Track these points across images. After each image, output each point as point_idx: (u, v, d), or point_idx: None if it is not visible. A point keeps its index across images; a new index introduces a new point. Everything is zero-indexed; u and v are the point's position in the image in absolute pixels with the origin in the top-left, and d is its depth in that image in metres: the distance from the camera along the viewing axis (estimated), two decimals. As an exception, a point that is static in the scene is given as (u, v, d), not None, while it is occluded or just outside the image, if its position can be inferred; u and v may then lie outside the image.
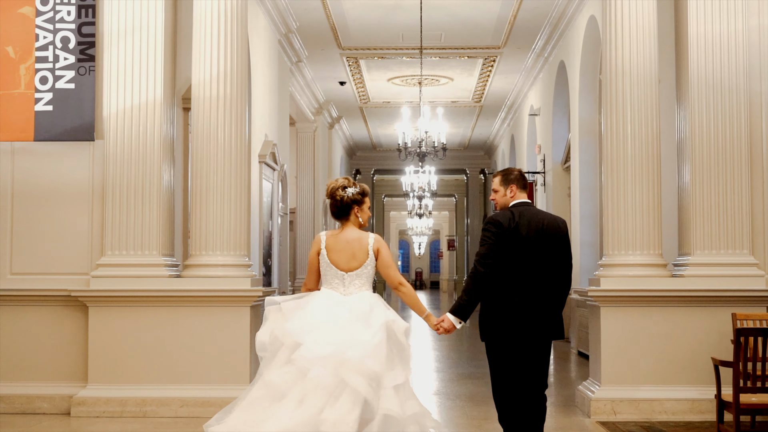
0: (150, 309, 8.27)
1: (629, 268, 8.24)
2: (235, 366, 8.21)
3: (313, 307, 5.15)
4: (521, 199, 5.57)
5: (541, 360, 5.55)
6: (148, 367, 8.24)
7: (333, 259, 5.24)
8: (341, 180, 5.39)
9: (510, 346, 5.44)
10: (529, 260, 5.40)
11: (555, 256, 5.48)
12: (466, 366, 12.37)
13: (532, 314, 5.41)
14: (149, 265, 8.32)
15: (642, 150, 8.27)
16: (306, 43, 16.46)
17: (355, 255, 5.23)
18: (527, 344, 5.45)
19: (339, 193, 5.31)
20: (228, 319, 8.23)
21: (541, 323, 5.45)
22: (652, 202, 8.26)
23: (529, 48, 16.78)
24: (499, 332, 5.42)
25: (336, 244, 5.27)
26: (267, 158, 13.68)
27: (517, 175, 5.63)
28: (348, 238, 5.28)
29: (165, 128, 8.48)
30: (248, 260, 8.51)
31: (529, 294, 5.40)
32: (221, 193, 8.32)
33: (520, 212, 5.48)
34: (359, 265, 5.23)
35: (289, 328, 5.05)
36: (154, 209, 8.36)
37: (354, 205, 5.32)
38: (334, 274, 5.25)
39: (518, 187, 5.59)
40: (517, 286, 5.39)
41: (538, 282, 5.43)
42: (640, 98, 8.30)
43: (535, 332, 5.45)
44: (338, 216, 5.35)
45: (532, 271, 5.41)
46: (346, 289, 5.24)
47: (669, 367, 8.17)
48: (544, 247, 5.44)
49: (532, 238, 5.41)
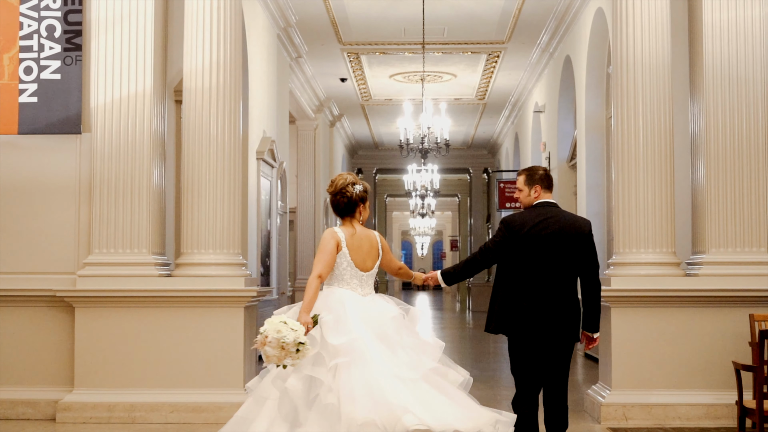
0: (139, 310, 7.91)
1: (641, 266, 7.88)
2: (229, 369, 7.85)
3: (349, 310, 4.99)
4: (545, 199, 5.52)
5: (558, 362, 5.49)
6: (137, 371, 7.88)
7: (354, 258, 5.11)
8: (349, 176, 5.25)
9: (527, 344, 5.42)
10: (547, 260, 5.37)
11: (576, 257, 5.42)
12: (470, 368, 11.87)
13: (549, 314, 5.36)
14: (138, 264, 7.96)
15: (654, 143, 7.90)
16: (306, 38, 16.10)
17: (370, 254, 5.16)
18: (545, 344, 5.43)
19: (349, 189, 5.18)
20: (221, 321, 7.87)
21: (560, 324, 5.40)
22: (664, 198, 7.89)
23: (534, 43, 16.42)
24: (518, 329, 5.41)
25: (354, 243, 5.13)
26: (265, 155, 13.32)
27: (542, 175, 5.58)
28: (362, 236, 5.18)
29: (155, 121, 8.12)
30: (242, 259, 8.15)
31: (547, 293, 5.37)
32: (214, 188, 7.96)
33: (539, 212, 5.44)
34: (373, 264, 5.18)
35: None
36: (144, 205, 8.01)
37: (360, 202, 5.23)
38: (354, 274, 5.12)
39: (543, 187, 5.54)
40: (535, 286, 5.37)
41: (557, 282, 5.40)
42: (652, 89, 7.94)
43: (553, 333, 5.40)
44: (344, 213, 5.21)
45: (551, 271, 5.38)
46: (363, 290, 5.13)
47: (683, 371, 7.80)
48: (564, 248, 5.39)
49: (551, 238, 5.37)
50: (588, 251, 5.48)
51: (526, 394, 5.50)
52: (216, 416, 7.71)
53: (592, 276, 5.52)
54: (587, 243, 5.49)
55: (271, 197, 14.31)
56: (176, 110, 8.87)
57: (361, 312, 4.98)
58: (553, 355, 5.47)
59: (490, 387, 10.39)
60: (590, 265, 5.50)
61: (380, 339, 4.90)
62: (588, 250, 5.49)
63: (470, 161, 30.26)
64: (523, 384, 5.52)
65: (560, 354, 5.50)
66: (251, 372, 8.17)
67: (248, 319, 8.05)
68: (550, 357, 5.47)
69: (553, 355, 5.47)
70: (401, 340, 4.97)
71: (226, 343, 7.85)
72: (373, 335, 4.90)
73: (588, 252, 5.48)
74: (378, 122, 24.72)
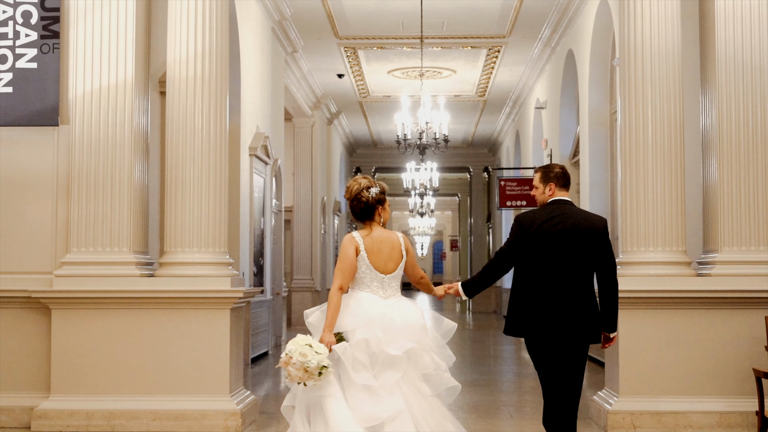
0: (119, 311, 7.48)
1: (649, 266, 7.46)
2: (214, 375, 7.42)
3: (369, 310, 5.01)
4: (560, 197, 5.44)
5: (572, 365, 5.29)
6: (116, 376, 7.45)
7: (373, 261, 5.07)
8: (363, 180, 5.21)
9: (543, 345, 5.29)
10: (560, 258, 5.26)
11: (590, 254, 5.30)
12: (470, 372, 11.58)
13: (564, 314, 5.23)
14: (119, 263, 7.54)
15: (664, 134, 7.49)
16: (301, 32, 15.70)
17: (391, 256, 5.11)
18: (559, 345, 5.26)
19: (364, 194, 5.15)
20: (206, 323, 7.44)
21: (576, 324, 5.25)
22: (675, 193, 7.47)
23: (535, 37, 16.03)
24: (533, 330, 5.29)
25: (372, 246, 5.09)
26: (258, 151, 12.93)
27: (558, 173, 5.49)
28: (381, 238, 5.12)
29: (138, 112, 7.70)
30: (228, 258, 7.72)
31: (562, 292, 5.25)
32: (199, 184, 7.53)
33: (552, 210, 5.37)
34: (395, 266, 5.11)
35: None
36: (125, 201, 7.59)
37: (378, 205, 5.18)
38: (374, 276, 5.07)
39: (557, 185, 5.45)
40: (549, 285, 5.26)
41: (571, 280, 5.27)
42: (661, 78, 7.53)
43: (570, 334, 5.24)
44: (363, 217, 5.18)
45: (564, 270, 5.27)
46: (385, 292, 5.08)
47: (695, 376, 7.38)
48: (576, 245, 5.28)
49: (562, 235, 5.28)
50: (603, 248, 5.34)
51: (556, 405, 5.28)
52: (200, 424, 7.30)
53: (609, 274, 5.37)
54: (602, 240, 5.34)
55: (265, 195, 13.90)
56: (161, 102, 8.46)
57: (379, 317, 4.96)
58: (568, 357, 5.29)
59: (491, 392, 9.97)
60: (606, 262, 5.35)
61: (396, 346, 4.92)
62: (603, 247, 5.34)
63: (470, 160, 29.88)
64: (551, 393, 5.31)
65: (576, 356, 5.30)
66: (238, 377, 7.76)
67: (235, 321, 7.63)
68: (566, 359, 5.29)
69: (568, 357, 5.29)
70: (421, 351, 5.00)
71: (211, 347, 7.42)
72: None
73: (603, 249, 5.34)
74: (376, 120, 24.31)
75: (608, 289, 5.38)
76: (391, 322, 4.91)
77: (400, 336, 4.88)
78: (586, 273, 5.31)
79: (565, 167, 5.59)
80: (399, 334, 4.89)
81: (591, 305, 5.31)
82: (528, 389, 9.78)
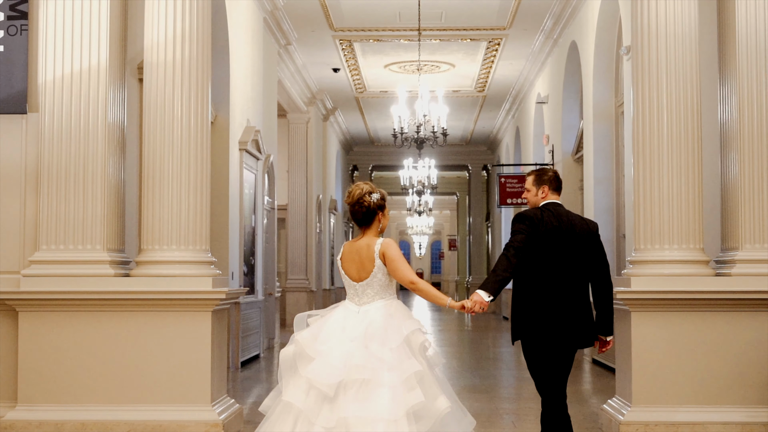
0: (92, 314, 6.91)
1: (664, 265, 6.91)
2: (194, 382, 6.86)
3: (331, 320, 5.05)
4: (552, 200, 5.45)
5: (564, 368, 5.30)
6: (89, 385, 6.87)
7: (346, 269, 5.13)
8: (365, 186, 5.20)
9: (540, 347, 5.25)
10: (558, 260, 5.24)
11: (586, 258, 5.30)
12: (470, 377, 11.03)
13: (561, 317, 5.20)
14: (91, 261, 6.98)
15: (680, 124, 6.95)
16: (295, 24, 15.16)
17: (364, 264, 5.07)
18: (556, 348, 5.24)
19: (366, 199, 5.13)
20: (185, 327, 6.88)
21: (573, 328, 5.23)
22: (692, 186, 6.93)
23: (537, 29, 15.51)
24: (529, 333, 5.26)
25: (349, 254, 5.14)
26: (248, 145, 12.39)
27: (551, 177, 5.50)
28: (359, 246, 5.12)
29: (113, 99, 7.14)
30: (210, 256, 7.17)
31: (559, 295, 5.21)
32: (178, 176, 6.98)
33: (549, 212, 5.37)
34: (367, 275, 5.04)
35: (305, 337, 4.98)
36: (99, 195, 7.03)
37: (378, 211, 5.17)
38: (349, 284, 5.11)
39: (551, 188, 5.47)
40: (545, 286, 5.22)
41: (567, 282, 5.23)
42: (677, 62, 6.99)
43: (566, 337, 5.22)
44: (363, 223, 5.16)
45: (562, 270, 5.24)
46: (360, 300, 5.07)
47: (713, 384, 6.83)
48: (574, 248, 5.28)
49: (561, 237, 5.27)
50: (598, 251, 5.36)
51: (553, 405, 5.26)
52: (179, 436, 6.75)
53: (604, 277, 5.35)
54: (596, 242, 5.36)
55: (256, 191, 13.36)
56: (140, 90, 7.89)
57: (340, 322, 5.01)
58: (562, 360, 5.29)
59: (491, 399, 9.42)
60: (601, 265, 5.35)
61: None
62: (598, 250, 5.36)
63: (469, 158, 29.37)
64: (548, 395, 5.27)
65: (568, 359, 5.31)
66: (221, 385, 7.20)
67: (217, 324, 7.08)
68: (560, 361, 5.28)
69: (562, 360, 5.29)
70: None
71: (191, 353, 6.87)
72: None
73: (598, 252, 5.35)
74: (373, 116, 23.78)
75: (603, 292, 5.34)
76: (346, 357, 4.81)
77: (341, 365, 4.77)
78: (583, 276, 5.31)
79: (557, 171, 5.57)
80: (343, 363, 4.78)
81: (587, 309, 5.30)
82: (529, 395, 9.24)
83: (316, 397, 4.73)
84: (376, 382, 4.69)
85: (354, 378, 4.71)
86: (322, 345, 4.85)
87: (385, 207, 5.20)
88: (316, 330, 4.96)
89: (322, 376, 4.70)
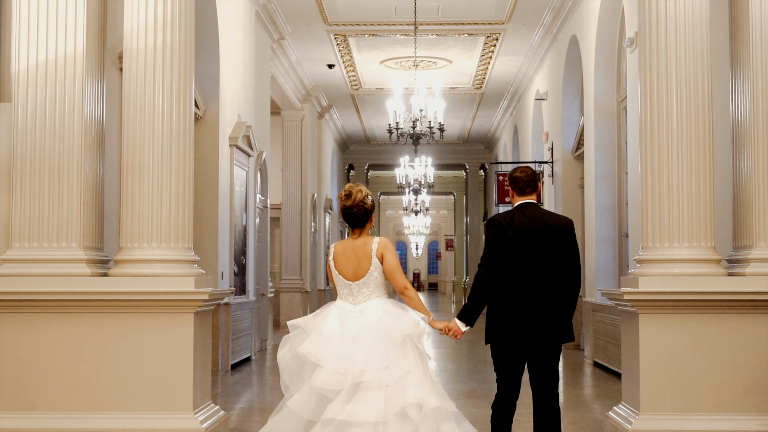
0: (67, 316, 6.51)
1: (674, 264, 6.53)
2: (175, 388, 6.46)
3: (327, 322, 5.10)
4: (526, 200, 5.45)
5: (547, 365, 5.34)
6: (63, 390, 6.47)
7: (340, 269, 5.20)
8: (363, 187, 5.32)
9: (512, 348, 5.32)
10: (531, 259, 5.27)
11: (559, 256, 5.29)
12: (467, 381, 10.64)
13: (535, 315, 5.25)
14: (67, 260, 6.58)
15: (690, 116, 6.57)
16: (288, 18, 14.77)
17: (360, 263, 5.16)
18: (531, 347, 5.30)
19: (367, 201, 5.26)
20: (166, 329, 6.49)
21: (546, 325, 5.26)
22: (702, 181, 6.54)
23: (536, 23, 15.13)
24: (501, 334, 5.31)
25: (343, 254, 5.22)
26: (239, 141, 12.00)
27: (517, 177, 5.47)
28: (354, 245, 5.21)
29: (90, 89, 6.75)
30: (194, 255, 6.77)
31: (532, 294, 5.26)
32: (159, 170, 6.59)
33: (521, 211, 5.38)
34: (364, 273, 5.14)
35: (309, 348, 5.03)
36: (75, 190, 6.63)
37: (372, 213, 5.33)
38: (343, 284, 5.19)
39: (514, 190, 5.47)
40: (518, 286, 5.27)
41: (541, 282, 5.26)
42: (687, 51, 6.60)
43: (539, 335, 5.27)
44: (359, 224, 5.25)
45: (535, 271, 5.27)
46: (355, 299, 5.15)
47: (726, 391, 6.43)
48: (547, 246, 5.28)
49: (533, 237, 5.28)
50: (571, 250, 5.32)
51: (507, 397, 5.44)
52: (159, 446, 6.35)
53: (573, 275, 5.32)
54: (570, 241, 5.34)
55: (248, 189, 12.97)
56: (121, 79, 7.51)
57: (337, 322, 5.09)
58: (540, 359, 5.33)
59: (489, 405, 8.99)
60: (572, 264, 5.32)
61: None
62: (571, 248, 5.33)
63: (466, 156, 29.00)
64: (505, 387, 5.43)
65: (548, 356, 5.34)
66: (204, 391, 6.80)
67: (200, 326, 6.68)
68: (538, 361, 5.34)
69: (540, 359, 5.33)
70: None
71: (172, 357, 6.47)
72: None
73: (570, 251, 5.32)
74: (369, 114, 23.39)
75: (572, 290, 5.32)
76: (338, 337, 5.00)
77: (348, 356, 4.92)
78: (557, 273, 5.28)
79: (531, 173, 5.46)
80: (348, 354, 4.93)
81: (562, 305, 5.31)
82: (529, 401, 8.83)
83: (318, 401, 4.89)
84: (375, 383, 4.82)
85: (356, 381, 4.84)
86: (325, 351, 4.93)
87: (374, 208, 5.38)
88: (315, 336, 5.01)
89: (331, 384, 4.84)
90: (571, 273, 5.29)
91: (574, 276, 5.30)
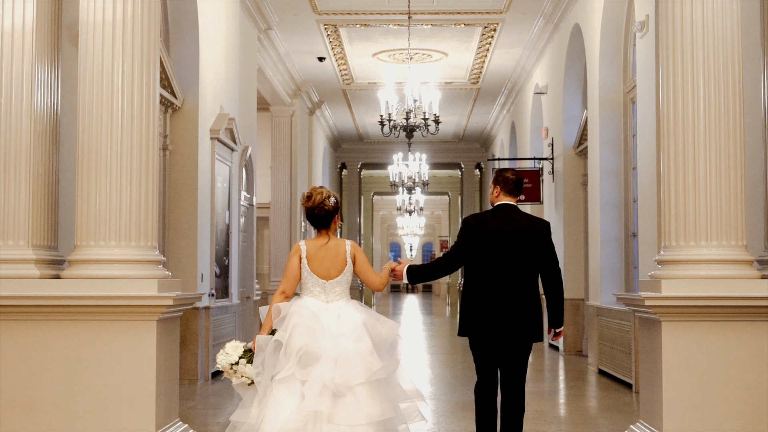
0: (12, 323, 5.73)
1: (700, 265, 5.79)
2: (135, 405, 5.69)
3: (307, 318, 5.13)
4: (505, 201, 5.68)
5: (515, 364, 5.57)
6: (11, 406, 5.70)
7: (314, 268, 5.30)
8: (324, 190, 5.41)
9: (484, 344, 5.58)
10: (501, 260, 5.51)
11: (532, 258, 5.53)
12: (465, 392, 9.87)
13: (504, 315, 5.48)
14: (13, 260, 5.81)
15: (719, 102, 5.83)
16: (275, 6, 14.03)
17: (335, 263, 5.32)
18: (500, 346, 5.54)
19: (327, 203, 5.34)
20: (125, 338, 5.72)
21: (515, 325, 5.49)
22: (732, 174, 5.80)
23: (535, 13, 14.40)
24: (474, 331, 5.57)
25: (317, 253, 5.33)
26: (221, 134, 11.25)
27: (504, 178, 5.69)
28: (328, 246, 5.35)
29: (40, 70, 5.99)
30: (158, 254, 6.00)
31: (502, 294, 5.49)
32: (119, 159, 5.82)
33: (497, 213, 5.62)
34: (338, 273, 5.30)
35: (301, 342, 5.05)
36: (23, 183, 5.88)
37: (335, 214, 5.41)
38: (315, 282, 5.29)
39: (503, 190, 5.67)
40: (489, 286, 5.51)
41: (511, 282, 5.49)
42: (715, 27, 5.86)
43: (508, 334, 5.49)
44: (322, 225, 5.38)
45: (505, 271, 5.50)
46: (327, 297, 5.27)
47: (760, 408, 5.68)
48: (518, 248, 5.51)
49: (504, 238, 5.51)
50: (546, 248, 5.56)
51: (487, 382, 5.63)
52: (117, 472, 5.57)
53: (553, 274, 5.58)
54: (544, 240, 5.56)
55: (231, 185, 12.20)
56: (81, 60, 6.73)
57: (311, 315, 5.15)
58: (510, 355, 5.57)
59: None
60: (550, 263, 5.58)
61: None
62: (546, 247, 5.56)
63: (461, 155, 28.26)
64: (484, 375, 5.64)
65: (518, 353, 5.57)
66: (170, 409, 6.03)
67: (165, 336, 5.91)
68: (508, 356, 5.57)
69: (510, 355, 5.57)
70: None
71: (131, 370, 5.69)
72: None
73: (546, 249, 5.56)
74: (362, 110, 22.64)
75: (552, 288, 5.57)
76: (321, 329, 5.08)
77: (330, 340, 5.02)
78: (530, 274, 5.53)
79: (519, 175, 5.69)
80: (329, 338, 5.03)
81: (534, 305, 5.53)
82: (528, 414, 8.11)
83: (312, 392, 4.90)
84: (354, 382, 4.91)
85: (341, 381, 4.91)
86: (319, 341, 5.00)
87: (339, 209, 5.44)
88: (298, 332, 5.03)
89: (334, 376, 4.89)
90: (548, 274, 5.55)
91: (553, 277, 5.55)
